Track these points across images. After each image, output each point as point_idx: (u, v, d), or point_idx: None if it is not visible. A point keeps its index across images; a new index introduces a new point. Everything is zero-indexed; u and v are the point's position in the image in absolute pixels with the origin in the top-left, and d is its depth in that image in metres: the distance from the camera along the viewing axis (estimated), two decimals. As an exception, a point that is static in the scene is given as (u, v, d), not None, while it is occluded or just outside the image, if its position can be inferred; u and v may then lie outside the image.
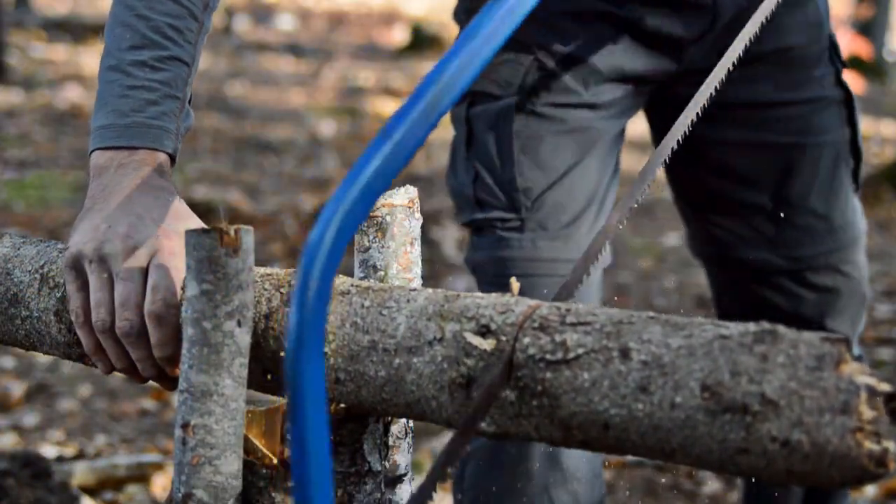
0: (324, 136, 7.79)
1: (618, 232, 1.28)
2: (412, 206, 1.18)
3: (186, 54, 1.32)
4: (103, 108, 1.29)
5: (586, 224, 1.75)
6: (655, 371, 0.91)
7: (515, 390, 0.97)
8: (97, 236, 1.18)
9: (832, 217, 1.83)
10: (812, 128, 1.78)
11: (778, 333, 0.89)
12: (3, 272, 1.27)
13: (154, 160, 1.26)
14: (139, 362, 1.18)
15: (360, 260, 1.19)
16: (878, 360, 3.75)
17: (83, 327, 1.19)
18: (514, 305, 1.01)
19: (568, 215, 1.73)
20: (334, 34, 12.73)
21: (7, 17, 10.21)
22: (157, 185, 1.24)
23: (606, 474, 2.96)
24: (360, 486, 1.11)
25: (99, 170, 1.26)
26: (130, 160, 1.25)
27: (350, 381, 1.07)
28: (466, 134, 1.73)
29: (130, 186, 1.23)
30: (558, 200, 1.72)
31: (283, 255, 4.85)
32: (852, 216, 1.86)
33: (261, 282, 1.14)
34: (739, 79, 1.76)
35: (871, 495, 2.83)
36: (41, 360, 3.71)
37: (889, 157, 7.18)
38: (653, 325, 0.94)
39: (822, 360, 0.86)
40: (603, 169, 1.77)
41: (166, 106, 1.29)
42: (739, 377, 0.88)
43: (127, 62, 1.29)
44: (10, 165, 6.52)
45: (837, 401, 0.85)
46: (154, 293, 1.14)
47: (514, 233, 1.72)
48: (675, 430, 0.90)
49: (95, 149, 1.27)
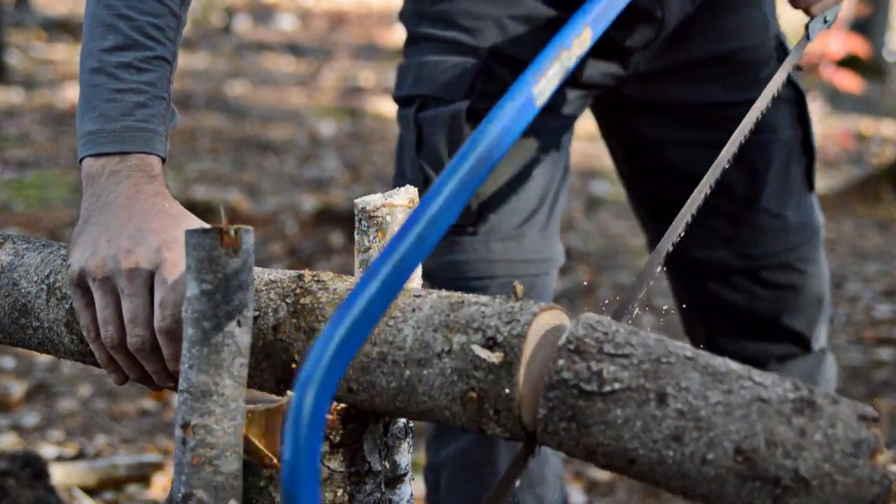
0: (324, 136, 7.78)
1: (617, 231, 1.29)
2: (412, 206, 1.18)
3: (169, 52, 1.31)
4: (90, 113, 1.27)
5: (538, 224, 1.76)
6: (691, 423, 0.91)
7: (545, 409, 0.97)
8: (99, 252, 1.17)
9: (785, 216, 1.84)
10: (763, 127, 1.77)
11: (816, 406, 0.89)
12: (10, 282, 1.27)
13: (146, 164, 1.25)
14: (154, 374, 1.18)
15: (360, 260, 1.19)
16: (877, 360, 3.75)
17: (95, 342, 1.19)
18: (518, 314, 1.01)
19: (519, 217, 1.74)
20: (334, 34, 12.72)
21: (7, 17, 10.21)
22: (151, 192, 1.23)
23: (606, 474, 2.96)
24: (360, 486, 1.11)
25: (91, 178, 1.25)
26: (122, 166, 1.24)
27: (363, 391, 1.07)
28: (416, 138, 1.71)
29: (126, 195, 1.22)
30: (509, 203, 1.73)
31: (283, 255, 4.85)
32: (808, 215, 1.87)
33: (266, 290, 1.14)
34: (687, 81, 1.80)
35: (871, 495, 2.83)
36: (41, 360, 3.71)
37: (889, 157, 7.18)
38: (691, 370, 0.93)
39: (859, 446, 0.86)
40: (553, 169, 1.77)
41: (154, 108, 1.28)
42: (775, 448, 0.88)
43: (112, 64, 1.28)
44: (10, 165, 6.52)
45: (870, 493, 0.85)
46: (163, 309, 1.14)
47: (466, 236, 1.71)
48: (702, 482, 0.90)
49: (86, 156, 1.26)
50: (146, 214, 1.20)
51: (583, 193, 6.03)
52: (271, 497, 1.09)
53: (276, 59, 11.03)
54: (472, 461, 1.77)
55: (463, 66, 1.69)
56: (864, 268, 4.87)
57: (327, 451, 1.09)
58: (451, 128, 1.68)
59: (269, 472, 1.09)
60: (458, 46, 1.71)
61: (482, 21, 1.70)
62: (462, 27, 1.70)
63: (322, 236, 5.08)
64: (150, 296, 1.16)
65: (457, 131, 1.68)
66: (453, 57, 1.71)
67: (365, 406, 1.08)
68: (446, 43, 1.71)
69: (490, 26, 1.69)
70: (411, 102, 1.73)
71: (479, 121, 1.70)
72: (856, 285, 4.61)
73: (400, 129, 1.78)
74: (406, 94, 1.74)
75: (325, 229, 5.15)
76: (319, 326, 1.09)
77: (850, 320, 4.17)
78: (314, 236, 5.11)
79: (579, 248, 4.97)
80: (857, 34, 9.18)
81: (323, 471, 1.09)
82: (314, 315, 1.10)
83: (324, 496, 1.09)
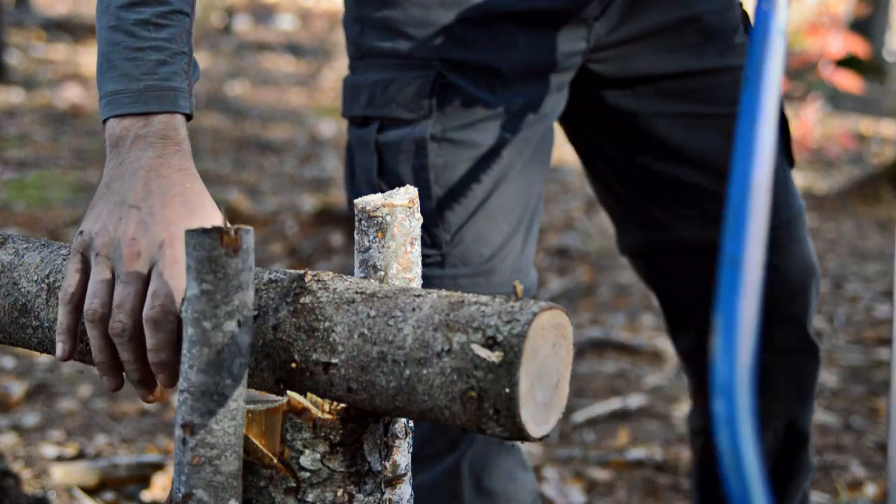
0: (324, 136, 7.79)
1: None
2: (412, 206, 1.18)
3: (186, 4, 1.29)
4: (111, 72, 1.26)
5: (511, 254, 1.68)
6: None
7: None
8: (107, 231, 1.18)
9: (773, 191, 1.78)
10: (730, 97, 1.70)
11: None
12: (10, 282, 1.28)
13: (170, 128, 1.24)
14: (126, 364, 1.18)
15: (361, 260, 1.19)
16: (877, 360, 3.75)
17: (66, 305, 1.19)
18: (518, 314, 1.01)
19: (490, 248, 1.66)
20: (334, 34, 12.71)
21: (7, 17, 10.21)
22: (176, 166, 1.22)
23: (606, 474, 2.96)
24: (360, 486, 1.11)
25: (115, 140, 1.24)
26: (147, 131, 1.23)
27: (363, 390, 1.07)
28: (378, 162, 1.65)
29: (148, 167, 1.21)
30: (479, 232, 1.66)
31: (283, 255, 4.85)
32: (792, 190, 1.81)
33: (266, 290, 1.14)
34: (656, 50, 1.73)
35: (872, 495, 2.83)
36: (41, 360, 3.71)
37: (889, 157, 7.18)
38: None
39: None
40: (528, 184, 1.70)
41: (176, 65, 1.26)
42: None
43: (130, 22, 1.26)
44: (10, 165, 6.52)
45: None
46: (154, 299, 1.14)
47: (435, 268, 1.65)
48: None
49: (110, 117, 1.25)
50: (163, 196, 1.19)
51: (583, 193, 6.03)
52: (271, 497, 1.09)
53: (276, 59, 11.04)
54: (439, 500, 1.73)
55: (417, 82, 1.62)
56: (864, 268, 4.87)
57: (327, 451, 1.09)
58: (417, 154, 1.63)
59: (269, 472, 1.09)
60: (408, 61, 1.64)
61: (431, 29, 1.62)
62: (409, 37, 1.63)
63: (322, 236, 5.08)
64: (143, 286, 1.16)
65: (422, 158, 1.63)
66: (405, 73, 1.63)
67: (364, 406, 1.08)
68: (397, 58, 1.64)
69: (440, 35, 1.62)
70: (367, 123, 1.66)
71: (442, 144, 1.64)
72: (856, 285, 4.61)
73: (352, 148, 1.70)
74: (361, 114, 1.67)
75: (325, 229, 5.15)
76: (319, 326, 1.09)
77: (850, 320, 4.17)
78: (314, 236, 5.11)
79: (579, 248, 4.96)
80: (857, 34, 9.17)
81: (323, 471, 1.09)
82: (314, 315, 1.10)
83: (324, 496, 1.09)
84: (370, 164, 1.66)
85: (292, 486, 1.08)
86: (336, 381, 1.08)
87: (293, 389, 1.11)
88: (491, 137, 1.65)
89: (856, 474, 2.95)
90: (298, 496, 1.08)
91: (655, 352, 3.84)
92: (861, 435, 3.17)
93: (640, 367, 3.74)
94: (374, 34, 1.66)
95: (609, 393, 3.51)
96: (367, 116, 1.66)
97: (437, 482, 1.72)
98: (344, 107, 1.72)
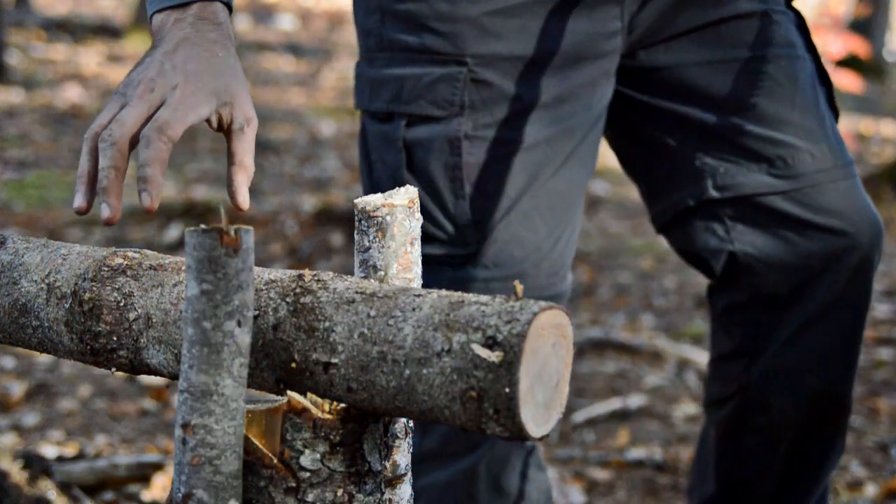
0: (324, 136, 7.79)
1: (617, 231, 1.28)
2: (412, 206, 1.18)
3: None
4: None
5: (551, 255, 1.63)
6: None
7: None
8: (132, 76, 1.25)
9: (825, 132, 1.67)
10: (771, 40, 1.66)
11: None
12: (10, 281, 1.28)
13: (209, 11, 1.30)
14: (101, 171, 1.21)
15: (360, 260, 1.19)
16: (877, 360, 3.75)
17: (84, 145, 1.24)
18: (518, 314, 1.01)
19: (524, 249, 1.62)
20: (334, 34, 12.72)
21: (7, 17, 10.21)
22: (212, 38, 1.28)
23: (606, 474, 2.96)
24: (360, 486, 1.11)
25: (158, 28, 1.31)
26: (186, 14, 1.30)
27: (363, 390, 1.07)
28: (406, 160, 1.61)
29: (183, 36, 1.28)
30: (513, 232, 1.61)
31: (283, 255, 4.85)
32: (841, 141, 1.71)
33: (266, 290, 1.14)
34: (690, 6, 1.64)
35: (872, 495, 2.84)
36: (41, 360, 3.71)
37: (889, 157, 7.19)
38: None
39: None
40: (568, 181, 1.65)
41: None
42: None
43: None
44: (10, 165, 6.52)
45: None
46: (153, 121, 1.20)
47: (466, 269, 1.61)
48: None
49: (155, 12, 1.32)
50: (189, 56, 1.26)
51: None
52: (271, 497, 1.09)
53: (276, 59, 11.04)
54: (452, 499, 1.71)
55: (447, 78, 1.59)
56: (864, 268, 4.86)
57: (327, 451, 1.09)
58: (451, 153, 1.60)
59: (269, 472, 1.09)
60: (436, 56, 1.59)
61: (459, 24, 1.58)
62: (437, 32, 1.59)
63: (322, 236, 5.09)
64: (146, 114, 1.22)
65: (456, 156, 1.59)
66: (435, 68, 1.59)
67: (364, 406, 1.08)
68: (423, 53, 1.59)
69: (468, 29, 1.58)
70: (391, 119, 1.62)
71: (474, 142, 1.59)
72: (856, 285, 4.60)
73: (370, 142, 1.66)
74: (384, 109, 1.63)
75: (325, 229, 5.15)
76: (319, 326, 1.10)
77: (850, 320, 4.17)
78: (314, 236, 5.11)
79: (579, 248, 4.97)
80: (857, 34, 9.18)
81: (323, 471, 1.09)
82: (314, 314, 1.10)
83: (324, 496, 1.09)
84: (396, 161, 1.62)
85: (292, 486, 1.08)
86: (336, 380, 1.08)
87: (293, 389, 1.11)
88: (525, 133, 1.61)
89: (856, 474, 2.95)
90: (298, 496, 1.08)
91: (655, 352, 3.84)
92: (861, 435, 3.17)
93: (640, 367, 3.74)
94: (397, 26, 1.62)
95: (609, 393, 3.51)
96: (390, 112, 1.62)
97: (454, 481, 1.71)
98: (359, 99, 1.68)
